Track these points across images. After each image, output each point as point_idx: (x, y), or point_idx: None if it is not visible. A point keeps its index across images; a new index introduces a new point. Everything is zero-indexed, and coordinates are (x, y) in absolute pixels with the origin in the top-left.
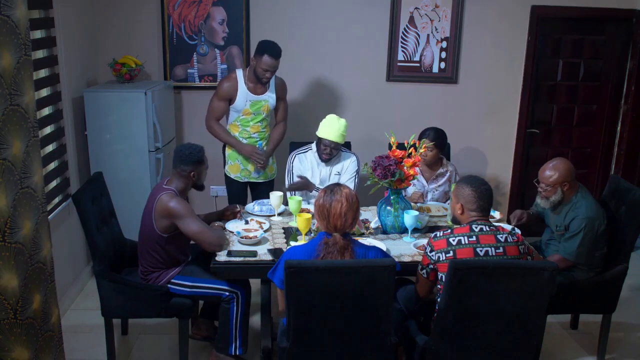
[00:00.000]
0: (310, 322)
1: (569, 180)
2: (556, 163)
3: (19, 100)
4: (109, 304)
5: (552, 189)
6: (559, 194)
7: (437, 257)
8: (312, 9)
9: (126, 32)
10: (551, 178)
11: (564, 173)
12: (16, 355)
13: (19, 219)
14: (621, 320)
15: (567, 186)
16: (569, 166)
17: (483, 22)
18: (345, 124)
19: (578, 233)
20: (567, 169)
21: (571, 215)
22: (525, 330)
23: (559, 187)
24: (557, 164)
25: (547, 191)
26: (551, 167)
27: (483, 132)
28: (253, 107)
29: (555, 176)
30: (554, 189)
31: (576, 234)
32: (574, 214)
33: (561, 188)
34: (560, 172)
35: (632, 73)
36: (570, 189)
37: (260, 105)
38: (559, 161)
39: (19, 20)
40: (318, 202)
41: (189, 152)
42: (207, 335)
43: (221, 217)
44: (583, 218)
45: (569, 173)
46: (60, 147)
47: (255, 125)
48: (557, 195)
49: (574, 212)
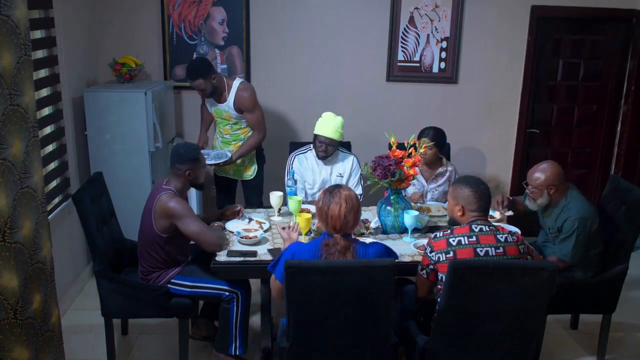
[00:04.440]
0: (310, 322)
1: (555, 184)
2: (544, 166)
3: (19, 100)
4: (109, 304)
5: (538, 192)
6: (545, 197)
7: (437, 257)
8: (312, 9)
9: (126, 32)
10: (538, 180)
11: (551, 176)
12: (16, 355)
13: (19, 219)
14: (621, 320)
15: (554, 190)
16: (558, 170)
17: (483, 22)
18: (342, 122)
19: (571, 234)
20: (555, 172)
21: (563, 217)
22: (525, 330)
23: (545, 190)
24: (545, 167)
25: (533, 193)
26: (539, 169)
27: (483, 132)
28: (217, 113)
29: (542, 179)
30: (540, 192)
31: (569, 235)
32: (566, 215)
33: (547, 191)
34: (547, 175)
35: (632, 73)
36: (558, 193)
37: (221, 113)
38: (547, 164)
39: (19, 20)
40: (318, 204)
41: (184, 150)
42: (207, 335)
43: (221, 217)
44: (575, 219)
45: (557, 177)
46: (60, 147)
47: (225, 127)
48: (544, 199)
49: (566, 213)
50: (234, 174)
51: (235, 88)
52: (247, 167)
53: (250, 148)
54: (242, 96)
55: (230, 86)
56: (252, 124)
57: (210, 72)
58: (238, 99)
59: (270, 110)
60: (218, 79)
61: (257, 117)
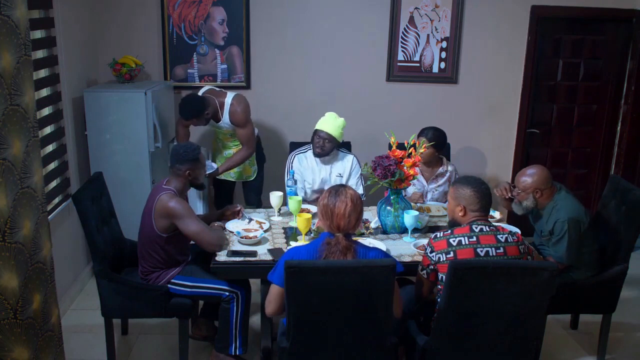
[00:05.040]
0: (310, 322)
1: (541, 189)
2: (532, 170)
3: (19, 100)
4: (109, 304)
5: (523, 194)
6: (530, 201)
7: (438, 257)
8: (312, 9)
9: (126, 32)
10: (524, 183)
11: (537, 180)
12: (16, 355)
13: (19, 219)
14: (621, 320)
15: (540, 194)
16: (545, 174)
17: (483, 22)
18: (344, 122)
19: (563, 235)
20: (542, 176)
21: (553, 218)
22: (525, 330)
23: (530, 193)
24: (533, 171)
25: (520, 195)
26: (527, 173)
27: (483, 132)
28: (217, 130)
29: (529, 182)
30: (526, 194)
31: (561, 237)
32: (555, 217)
33: (533, 195)
34: (534, 179)
35: (632, 73)
36: (544, 197)
37: (221, 129)
38: (535, 168)
39: (19, 20)
40: (322, 202)
41: (183, 150)
42: (207, 335)
43: (221, 217)
44: (564, 220)
45: (543, 181)
46: (60, 147)
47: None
48: (529, 202)
49: (555, 215)
50: (234, 177)
51: (228, 105)
52: (247, 168)
53: (236, 163)
54: (235, 112)
55: (223, 104)
56: (242, 140)
57: (203, 109)
58: (232, 115)
59: (270, 110)
60: (210, 108)
61: (247, 133)
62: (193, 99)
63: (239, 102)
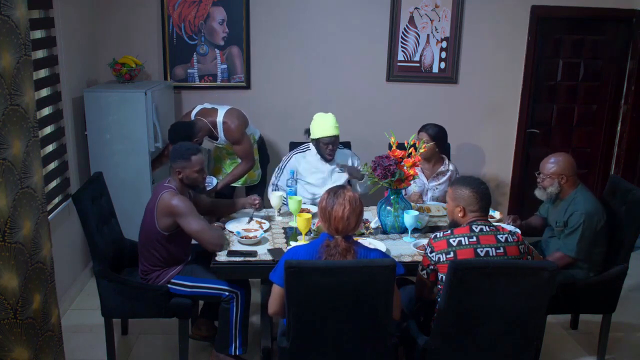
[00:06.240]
0: (310, 322)
1: (567, 175)
2: (558, 156)
3: (19, 100)
4: (109, 304)
5: (549, 180)
6: (555, 186)
7: (438, 258)
8: (312, 9)
9: (126, 32)
10: (551, 169)
11: (563, 166)
12: (16, 355)
13: (19, 219)
14: (621, 320)
15: (565, 180)
16: (571, 161)
17: (483, 22)
18: (333, 116)
19: (577, 228)
20: (569, 163)
21: (570, 210)
22: (525, 330)
23: (556, 178)
24: (559, 157)
25: (544, 181)
26: (553, 158)
27: (483, 132)
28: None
29: (555, 167)
30: (552, 180)
31: (575, 229)
32: (573, 209)
33: (558, 180)
34: (560, 164)
35: (632, 73)
36: (569, 184)
37: (221, 146)
38: (561, 155)
39: (19, 20)
40: (321, 204)
41: (179, 149)
42: (207, 335)
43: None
44: (581, 213)
45: (570, 167)
46: (60, 147)
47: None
48: (554, 187)
49: (573, 207)
50: (240, 182)
51: (221, 123)
52: (251, 173)
53: (236, 178)
54: (229, 129)
55: (215, 123)
56: (241, 155)
57: (192, 136)
58: (226, 133)
59: (270, 110)
60: (201, 133)
61: (244, 148)
62: (182, 127)
63: (232, 120)
